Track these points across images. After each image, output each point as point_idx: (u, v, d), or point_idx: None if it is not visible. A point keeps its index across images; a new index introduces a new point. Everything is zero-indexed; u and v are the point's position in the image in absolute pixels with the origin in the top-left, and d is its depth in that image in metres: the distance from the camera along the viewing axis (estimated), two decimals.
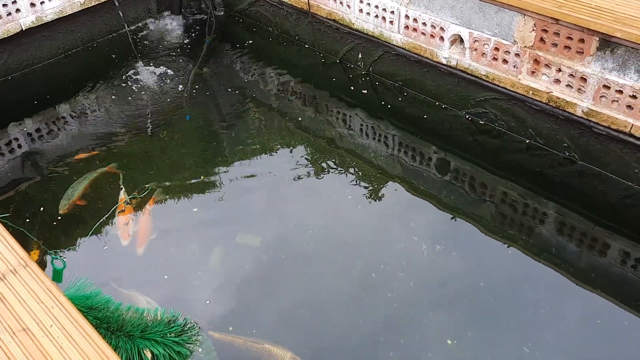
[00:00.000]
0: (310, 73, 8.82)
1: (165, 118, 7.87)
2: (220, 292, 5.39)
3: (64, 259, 4.72)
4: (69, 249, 5.79)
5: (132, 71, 8.81)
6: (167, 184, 6.75)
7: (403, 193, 6.58)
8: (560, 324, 4.95)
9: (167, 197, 6.57)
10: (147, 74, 8.76)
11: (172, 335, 4.38)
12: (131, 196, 5.94)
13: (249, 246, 5.91)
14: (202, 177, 6.87)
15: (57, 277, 4.47)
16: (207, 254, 5.84)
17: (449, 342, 4.86)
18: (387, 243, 5.88)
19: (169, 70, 8.84)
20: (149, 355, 4.20)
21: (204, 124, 7.86)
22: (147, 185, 6.56)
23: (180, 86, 8.46)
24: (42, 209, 6.31)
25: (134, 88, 8.45)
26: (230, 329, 5.02)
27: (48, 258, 5.30)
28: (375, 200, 6.49)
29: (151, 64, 9.00)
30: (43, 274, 3.53)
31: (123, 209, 6.09)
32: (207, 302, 5.24)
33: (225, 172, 6.98)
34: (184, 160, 7.19)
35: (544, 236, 5.92)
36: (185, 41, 9.71)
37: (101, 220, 6.07)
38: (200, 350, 4.63)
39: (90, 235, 5.97)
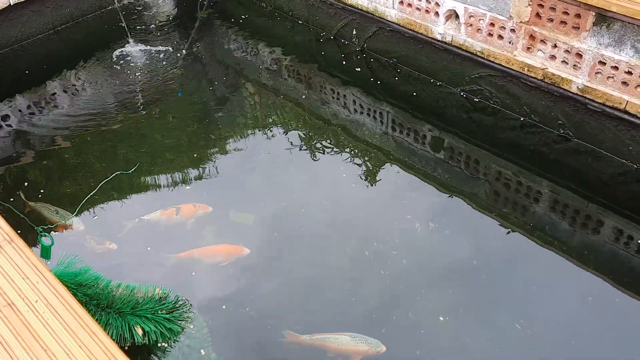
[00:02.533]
0: (304, 50, 8.70)
1: (157, 95, 7.76)
2: (214, 270, 5.37)
3: (52, 236, 4.66)
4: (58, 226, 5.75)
5: (123, 47, 8.67)
6: (161, 161, 6.69)
7: (397, 171, 6.53)
8: (552, 301, 4.96)
9: (160, 174, 6.51)
10: (138, 50, 8.63)
11: (164, 312, 4.36)
12: (118, 172, 5.85)
13: (243, 224, 5.87)
14: (195, 155, 6.80)
15: (45, 253, 4.43)
16: (200, 231, 5.80)
17: (441, 318, 4.87)
18: (381, 221, 5.85)
19: (160, 46, 8.70)
20: (139, 331, 4.19)
21: (197, 100, 7.77)
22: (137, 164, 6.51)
23: (172, 62, 8.34)
24: (26, 184, 6.26)
25: (125, 64, 8.32)
26: (224, 307, 5.01)
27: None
28: (369, 179, 6.44)
29: (142, 40, 8.86)
30: (29, 250, 3.49)
31: None
32: (193, 273, 5.26)
33: (218, 149, 6.92)
34: (177, 137, 7.11)
35: (538, 214, 5.90)
36: (178, 17, 9.55)
37: (89, 196, 6.01)
38: (192, 327, 4.62)
39: (78, 212, 5.92)
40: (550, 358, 4.55)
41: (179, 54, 8.55)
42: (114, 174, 5.79)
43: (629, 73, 5.63)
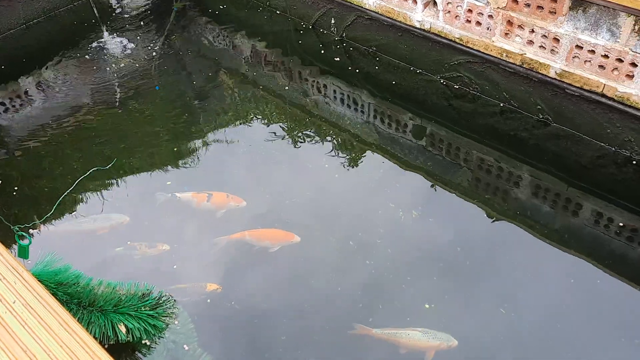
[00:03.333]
0: (283, 40, 8.62)
1: (134, 89, 7.64)
2: (197, 265, 5.32)
3: (30, 235, 4.56)
4: (35, 225, 5.64)
5: (97, 41, 8.50)
6: (140, 157, 6.59)
7: (379, 160, 6.52)
8: (535, 284, 5.00)
9: (140, 170, 6.41)
10: (113, 44, 8.46)
11: (147, 308, 4.30)
12: (95, 168, 5.75)
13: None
14: (175, 149, 6.71)
15: (22, 253, 4.32)
16: (181, 227, 5.73)
17: (427, 306, 4.89)
18: (365, 210, 5.84)
19: (136, 39, 8.55)
20: (123, 329, 4.13)
21: (175, 94, 7.65)
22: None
23: (149, 55, 8.20)
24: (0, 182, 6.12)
25: (100, 59, 8.16)
26: (208, 301, 4.96)
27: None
28: (352, 168, 6.43)
29: (117, 33, 8.69)
30: (5, 250, 3.40)
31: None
32: (174, 266, 5.20)
33: (199, 143, 6.83)
34: (156, 132, 7.00)
35: (519, 199, 5.95)
36: (153, 9, 9.38)
37: (65, 193, 5.89)
38: (176, 322, 4.57)
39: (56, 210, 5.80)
40: (535, 341, 4.59)
41: (155, 47, 8.41)
42: (91, 170, 5.67)
43: (606, 57, 5.68)
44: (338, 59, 8.01)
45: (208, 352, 4.45)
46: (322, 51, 8.19)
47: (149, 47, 8.41)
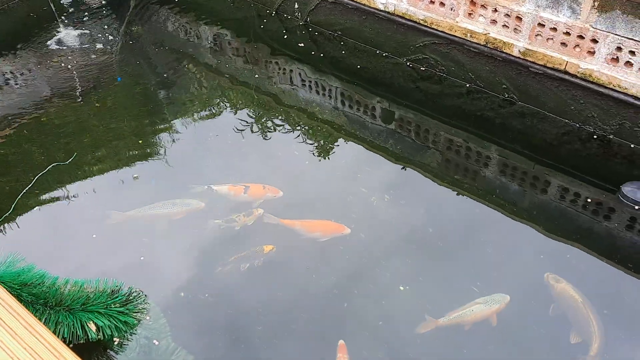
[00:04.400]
0: (247, 27, 8.48)
1: (95, 81, 7.41)
2: (169, 259, 5.22)
3: None
4: None
5: (54, 33, 8.22)
6: (104, 150, 6.41)
7: (349, 145, 6.50)
8: (506, 261, 5.06)
9: (105, 164, 6.24)
10: (70, 36, 8.19)
11: (117, 305, 4.20)
12: (55, 164, 5.55)
13: (195, 209, 5.71)
14: (140, 142, 6.55)
15: None
16: (151, 221, 5.61)
17: (402, 288, 4.90)
18: (336, 196, 5.81)
19: (94, 30, 8.29)
20: (93, 328, 4.02)
21: (138, 85, 7.46)
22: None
23: (108, 47, 7.97)
24: None
25: (58, 51, 7.89)
26: (182, 294, 4.88)
27: None
28: (322, 155, 6.38)
29: (74, 25, 8.41)
30: None
31: None
32: (141, 257, 5.10)
33: (165, 135, 6.68)
34: (120, 125, 6.82)
35: (488, 178, 6.01)
36: None
37: (24, 190, 5.71)
38: (148, 318, 4.47)
39: (14, 209, 5.61)
40: (508, 317, 4.65)
41: (115, 38, 8.17)
42: (50, 166, 5.47)
43: (567, 34, 5.74)
44: (302, 44, 7.93)
45: (182, 347, 4.37)
46: (287, 37, 8.09)
47: (109, 38, 8.17)
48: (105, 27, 8.41)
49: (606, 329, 4.47)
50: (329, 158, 6.35)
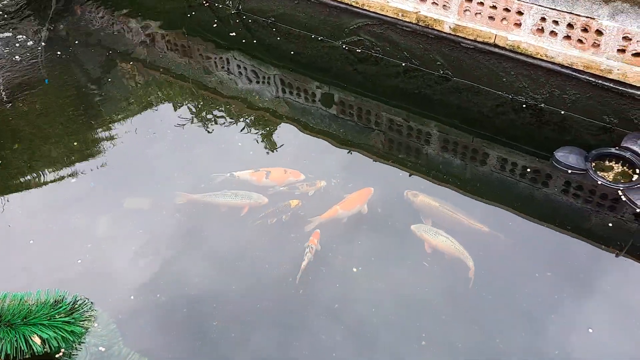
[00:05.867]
0: (177, 18, 8.25)
1: (21, 85, 7.04)
2: (115, 262, 5.06)
3: None
4: None
5: None
6: (37, 155, 6.12)
7: (293, 132, 6.46)
8: (453, 234, 5.13)
9: (39, 170, 5.97)
10: None
11: (62, 315, 4.04)
12: None
13: (139, 209, 5.56)
14: (75, 144, 6.29)
15: None
16: (93, 225, 5.41)
17: (355, 269, 4.93)
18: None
19: (15, 30, 7.86)
20: (37, 341, 3.86)
21: (68, 85, 7.15)
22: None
23: (32, 48, 7.58)
24: None
25: None
26: (132, 297, 4.74)
27: None
28: (266, 143, 6.32)
29: None
30: None
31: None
32: (79, 261, 4.94)
33: (101, 135, 6.44)
34: (52, 128, 6.53)
35: (430, 155, 6.11)
36: None
37: None
38: (96, 325, 4.33)
39: None
40: (459, 286, 4.77)
41: (39, 38, 7.78)
42: None
43: (494, 7, 5.88)
44: (234, 33, 7.80)
45: (136, 350, 4.26)
46: (220, 26, 7.93)
47: (32, 39, 7.77)
48: (28, 27, 7.99)
49: (551, 289, 4.67)
50: (272, 147, 6.30)
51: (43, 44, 7.70)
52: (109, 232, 5.36)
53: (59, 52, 7.64)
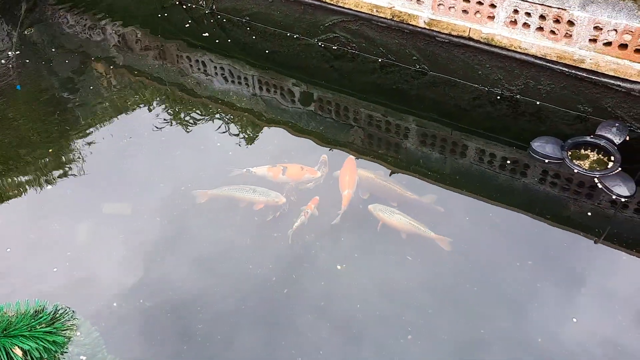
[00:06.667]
0: (151, 20, 8.15)
1: None
2: (96, 269, 4.99)
3: None
4: None
5: None
6: (11, 163, 6.00)
7: (273, 131, 6.43)
8: (435, 229, 5.18)
9: (14, 178, 5.85)
10: None
11: (43, 325, 3.97)
12: None
13: (119, 215, 5.49)
14: (50, 150, 6.19)
15: None
16: (72, 231, 5.33)
17: (339, 267, 4.94)
18: (264, 183, 5.71)
19: None
20: (19, 352, 3.79)
21: (41, 91, 7.02)
22: None
23: (2, 53, 7.42)
24: None
25: None
26: (115, 304, 4.69)
27: None
28: (246, 143, 6.29)
29: None
30: None
31: None
32: (55, 269, 4.87)
33: (77, 140, 6.34)
34: (26, 135, 6.40)
35: (410, 149, 6.14)
36: None
37: None
38: (79, 333, 4.26)
39: None
40: (443, 277, 4.81)
41: (9, 43, 7.62)
42: None
43: (467, 1, 5.93)
44: (207, 34, 7.74)
45: (120, 358, 4.21)
46: (194, 27, 7.86)
47: (2, 43, 7.60)
48: None
49: (533, 277, 4.73)
50: (252, 147, 6.27)
51: (14, 49, 7.53)
52: (89, 238, 5.29)
53: (30, 57, 7.49)
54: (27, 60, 7.44)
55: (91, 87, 7.21)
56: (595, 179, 5.49)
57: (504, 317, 4.49)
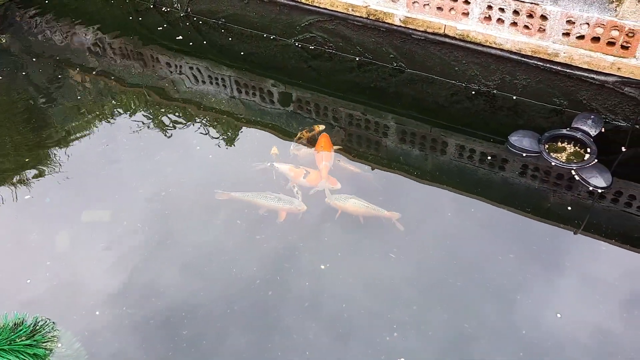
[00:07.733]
0: (126, 24, 8.06)
1: None
2: (76, 278, 4.91)
3: None
4: None
5: None
6: None
7: (252, 133, 6.40)
8: (416, 226, 5.21)
9: None
10: None
11: (22, 338, 3.90)
12: None
13: (99, 222, 5.41)
14: (26, 160, 6.08)
15: None
16: (51, 240, 5.24)
17: (322, 267, 4.93)
18: (246, 185, 5.69)
19: None
20: None
21: (15, 99, 6.89)
22: None
23: None
24: None
25: None
26: (97, 313, 4.62)
27: None
28: (226, 145, 6.25)
29: None
30: None
31: None
32: (28, 281, 4.77)
33: (54, 149, 6.24)
34: (1, 144, 6.28)
35: (390, 147, 6.16)
36: None
37: None
38: (60, 345, 4.20)
39: None
40: (425, 275, 4.83)
41: None
42: None
43: None
44: (182, 37, 7.67)
45: None
46: (169, 30, 7.79)
47: None
48: None
49: (515, 270, 4.78)
50: (232, 149, 6.23)
51: None
52: (68, 247, 5.20)
53: (3, 65, 7.35)
54: (1, 68, 7.31)
55: (67, 93, 7.11)
56: (573, 171, 5.56)
57: (488, 311, 4.53)
